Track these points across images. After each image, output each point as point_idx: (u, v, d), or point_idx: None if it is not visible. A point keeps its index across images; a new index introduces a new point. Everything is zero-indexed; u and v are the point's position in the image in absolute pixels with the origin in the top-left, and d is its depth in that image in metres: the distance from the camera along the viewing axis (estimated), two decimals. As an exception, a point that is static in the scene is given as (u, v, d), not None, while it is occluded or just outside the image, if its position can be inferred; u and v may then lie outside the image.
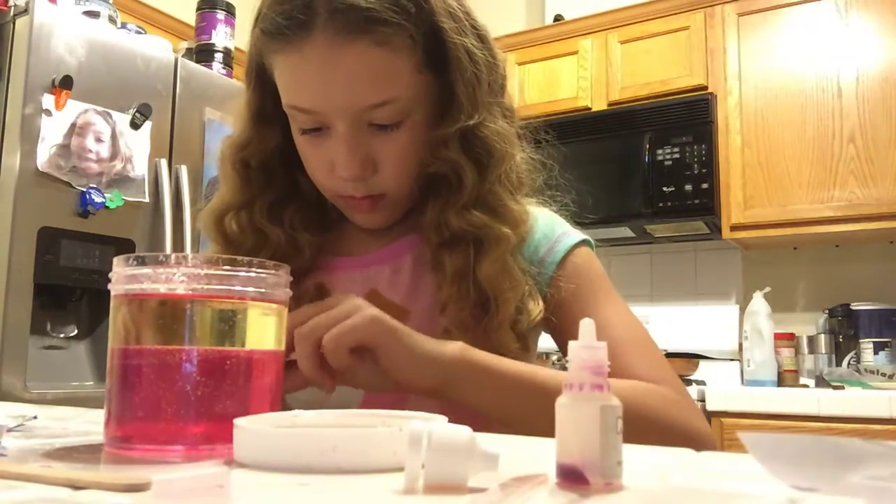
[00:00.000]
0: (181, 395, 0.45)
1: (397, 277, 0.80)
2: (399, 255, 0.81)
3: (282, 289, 0.51)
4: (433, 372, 0.63)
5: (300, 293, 0.77)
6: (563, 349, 0.75)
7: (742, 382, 2.62)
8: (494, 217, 0.74)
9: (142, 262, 0.47)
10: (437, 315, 0.75)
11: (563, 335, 0.78)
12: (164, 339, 0.46)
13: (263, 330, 0.49)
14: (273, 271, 0.49)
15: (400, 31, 0.70)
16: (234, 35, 2.53)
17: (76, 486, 0.34)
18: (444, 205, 0.75)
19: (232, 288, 0.47)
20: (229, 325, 0.47)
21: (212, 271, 0.46)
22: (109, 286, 0.48)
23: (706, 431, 0.71)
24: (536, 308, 0.74)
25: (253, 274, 0.48)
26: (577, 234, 0.83)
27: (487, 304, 0.72)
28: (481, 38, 0.79)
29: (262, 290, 0.48)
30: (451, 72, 0.74)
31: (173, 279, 0.45)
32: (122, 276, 0.47)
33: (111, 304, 0.48)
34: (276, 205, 0.81)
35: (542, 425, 0.58)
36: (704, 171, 2.64)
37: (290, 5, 0.70)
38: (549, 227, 0.82)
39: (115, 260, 0.48)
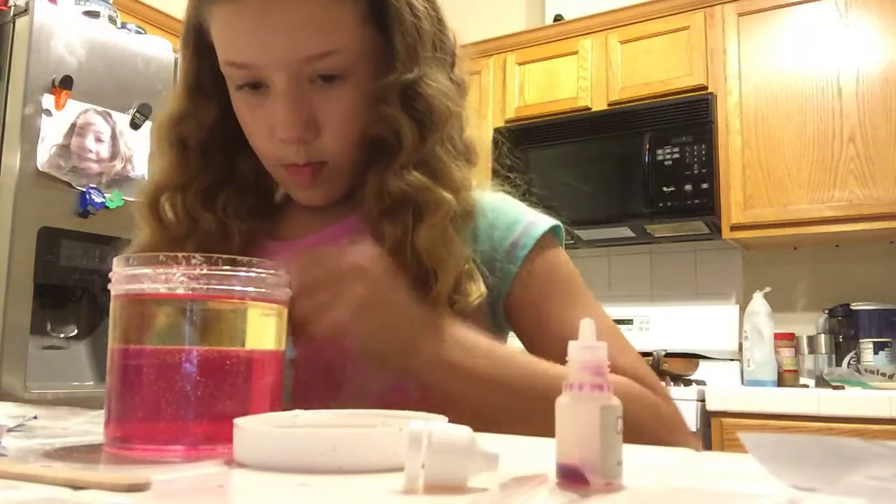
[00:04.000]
0: (181, 395, 0.45)
1: None
2: (339, 238, 0.75)
3: (282, 289, 0.51)
4: (403, 372, 0.62)
5: None
6: (530, 348, 0.74)
7: (742, 382, 2.62)
8: (435, 180, 0.70)
9: (142, 262, 0.47)
10: None
11: (533, 336, 0.75)
12: (164, 340, 0.46)
13: (263, 330, 0.49)
14: (273, 271, 0.49)
15: None
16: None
17: (76, 486, 0.34)
18: (383, 170, 0.71)
19: (232, 288, 0.47)
20: (229, 325, 0.47)
21: (212, 271, 0.46)
22: (109, 286, 0.48)
23: (694, 447, 0.69)
24: (476, 291, 0.70)
25: (253, 274, 0.48)
26: (545, 222, 0.78)
27: (426, 278, 0.69)
28: None
29: (262, 290, 0.48)
30: (390, 22, 0.71)
31: (173, 279, 0.45)
32: (122, 276, 0.47)
33: (111, 304, 0.48)
34: (212, 189, 0.78)
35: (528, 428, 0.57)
36: (704, 171, 2.64)
37: None
38: (515, 215, 0.78)
39: (115, 260, 0.48)
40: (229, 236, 0.77)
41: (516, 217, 0.77)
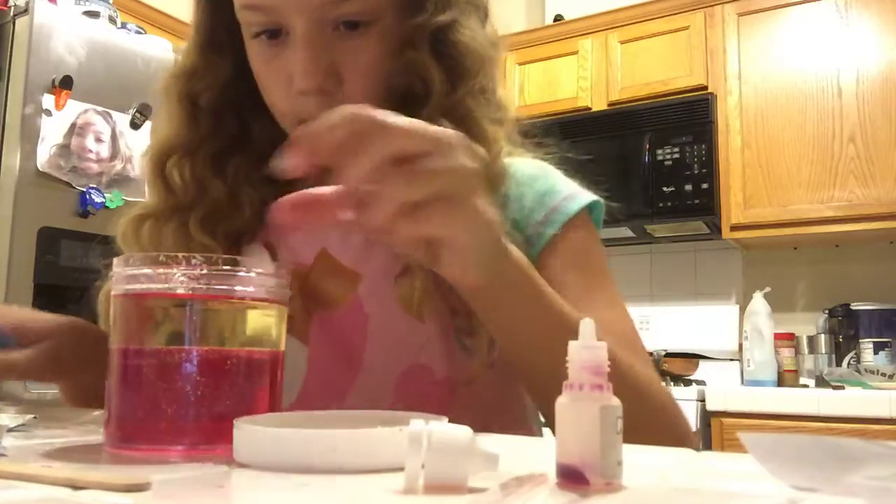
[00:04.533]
0: (181, 395, 0.45)
1: (348, 240, 0.70)
2: None
3: (282, 289, 0.51)
4: (493, 266, 0.50)
5: (244, 253, 0.70)
6: None
7: (742, 382, 2.62)
8: (464, 132, 0.67)
9: (142, 262, 0.47)
10: (392, 276, 0.66)
11: None
12: (164, 340, 0.46)
13: (263, 330, 0.49)
14: (273, 272, 0.49)
15: None
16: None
17: (76, 486, 0.34)
18: None
19: (232, 288, 0.47)
20: (229, 324, 0.48)
21: (212, 271, 0.46)
22: (102, 283, 0.48)
23: (694, 443, 0.65)
24: None
25: (253, 274, 0.48)
26: (582, 197, 0.71)
27: None
28: None
29: (262, 291, 0.48)
30: None
31: (173, 279, 0.45)
32: (122, 276, 0.47)
33: (111, 304, 0.48)
34: (222, 154, 0.72)
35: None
36: (704, 171, 2.64)
37: None
38: (550, 185, 0.71)
39: (115, 260, 0.48)
40: (240, 206, 0.72)
41: (552, 188, 0.71)
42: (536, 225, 0.68)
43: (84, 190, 1.98)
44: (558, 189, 0.71)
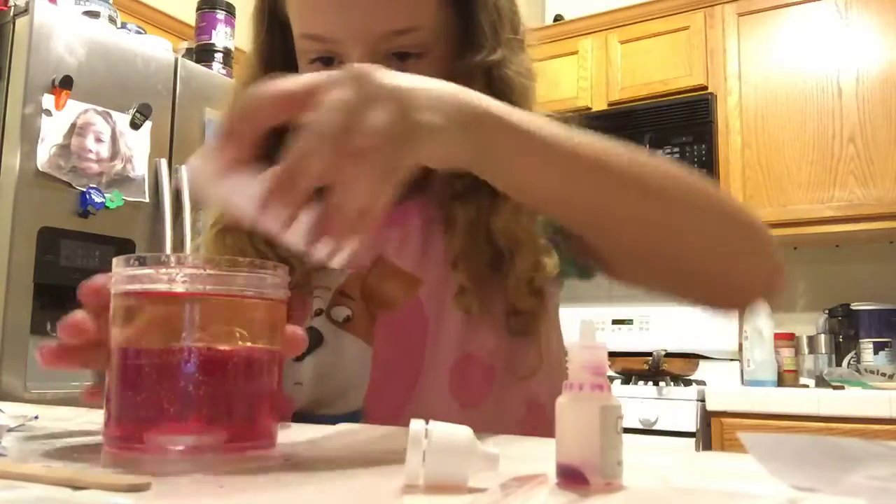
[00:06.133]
0: (181, 395, 0.45)
1: (406, 242, 0.73)
2: (407, 218, 0.73)
3: (282, 289, 0.51)
4: (463, 137, 0.48)
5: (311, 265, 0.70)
6: None
7: (742, 382, 2.62)
8: None
9: (142, 262, 0.47)
10: (450, 282, 0.70)
11: None
12: (165, 339, 0.46)
13: (264, 330, 0.49)
14: (272, 271, 0.49)
15: None
16: (235, 35, 2.53)
17: (76, 486, 0.34)
18: None
19: (232, 288, 0.47)
20: (229, 324, 0.47)
21: (213, 271, 0.46)
22: (110, 286, 0.48)
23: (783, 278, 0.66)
24: (551, 262, 0.70)
25: (254, 274, 0.48)
26: None
27: (501, 259, 0.69)
28: None
29: (263, 290, 0.48)
30: (475, 2, 0.70)
31: (174, 279, 0.45)
32: (122, 277, 0.47)
33: (111, 304, 0.48)
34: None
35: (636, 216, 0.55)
36: (704, 171, 2.62)
37: None
38: None
39: (115, 260, 0.48)
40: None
41: None
42: None
43: (84, 190, 1.98)
44: None
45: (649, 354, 2.56)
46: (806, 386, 2.56)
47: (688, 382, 2.53)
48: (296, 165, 0.43)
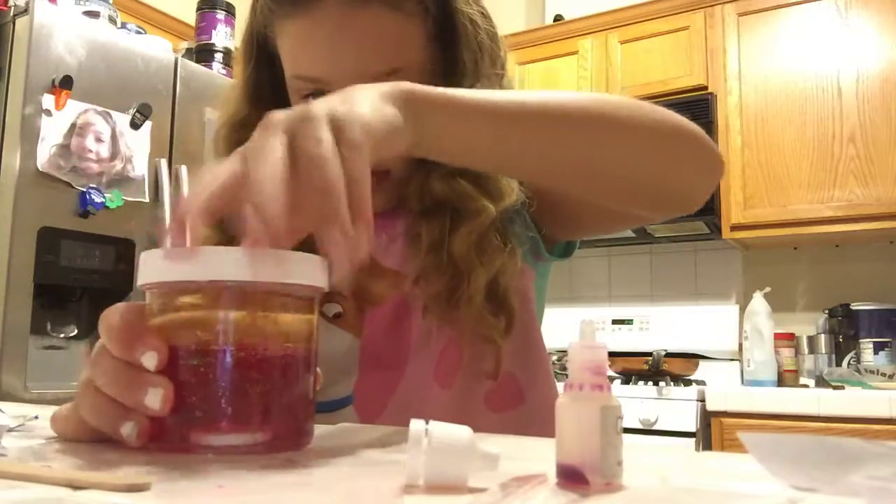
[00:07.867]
0: (228, 396, 0.43)
1: (391, 242, 0.77)
2: (393, 224, 0.77)
3: (322, 281, 0.48)
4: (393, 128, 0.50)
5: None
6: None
7: (742, 382, 2.62)
8: (478, 188, 0.72)
9: (171, 254, 0.45)
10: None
11: None
12: (197, 335, 0.44)
13: (300, 325, 0.48)
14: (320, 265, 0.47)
15: None
16: (234, 35, 2.54)
17: (76, 486, 0.34)
18: (429, 171, 0.72)
19: (268, 281, 0.44)
20: (264, 322, 0.45)
21: (248, 261, 0.43)
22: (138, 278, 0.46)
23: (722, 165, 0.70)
24: (513, 267, 0.73)
25: (296, 264, 0.45)
26: None
27: (461, 278, 0.71)
28: (483, 12, 0.78)
29: (305, 281, 0.46)
30: (457, 39, 0.73)
31: (208, 267, 0.44)
32: (152, 269, 0.45)
33: (147, 297, 0.46)
34: None
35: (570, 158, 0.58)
36: (704, 171, 2.64)
37: None
38: None
39: (144, 254, 0.46)
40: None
41: None
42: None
43: (84, 190, 1.98)
44: None
45: (649, 354, 2.56)
46: (806, 386, 2.57)
47: (688, 382, 2.53)
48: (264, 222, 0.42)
